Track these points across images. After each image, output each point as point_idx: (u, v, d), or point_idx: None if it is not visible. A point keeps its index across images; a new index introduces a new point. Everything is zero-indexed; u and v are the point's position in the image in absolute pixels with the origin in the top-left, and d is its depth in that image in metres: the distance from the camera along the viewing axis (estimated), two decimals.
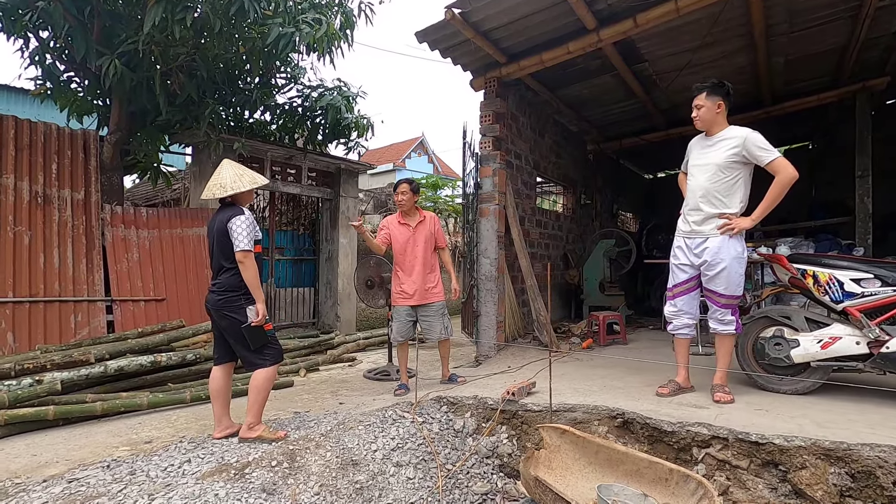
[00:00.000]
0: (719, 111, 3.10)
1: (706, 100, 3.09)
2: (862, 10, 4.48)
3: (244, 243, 2.78)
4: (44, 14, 4.74)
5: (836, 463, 2.28)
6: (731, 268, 3.03)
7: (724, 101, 3.09)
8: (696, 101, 3.15)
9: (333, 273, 7.74)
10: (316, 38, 4.82)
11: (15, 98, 9.69)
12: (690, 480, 2.23)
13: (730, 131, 3.08)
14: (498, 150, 5.16)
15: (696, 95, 3.17)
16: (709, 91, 3.09)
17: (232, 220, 2.81)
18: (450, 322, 4.08)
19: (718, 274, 3.06)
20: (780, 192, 2.91)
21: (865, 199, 5.98)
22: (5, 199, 4.66)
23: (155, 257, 5.58)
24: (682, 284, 3.25)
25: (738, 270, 3.05)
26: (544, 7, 4.15)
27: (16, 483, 2.46)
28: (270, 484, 2.47)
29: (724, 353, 3.17)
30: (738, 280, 3.06)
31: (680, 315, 3.28)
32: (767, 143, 2.96)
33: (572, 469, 2.51)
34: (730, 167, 3.03)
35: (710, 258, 3.07)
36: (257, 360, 2.88)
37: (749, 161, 3.01)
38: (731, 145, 3.03)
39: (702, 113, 3.12)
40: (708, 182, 3.10)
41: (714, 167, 3.08)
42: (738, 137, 3.01)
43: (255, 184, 2.92)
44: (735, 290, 3.06)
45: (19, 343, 4.51)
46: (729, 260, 3.02)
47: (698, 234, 3.15)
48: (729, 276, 3.04)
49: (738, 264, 3.05)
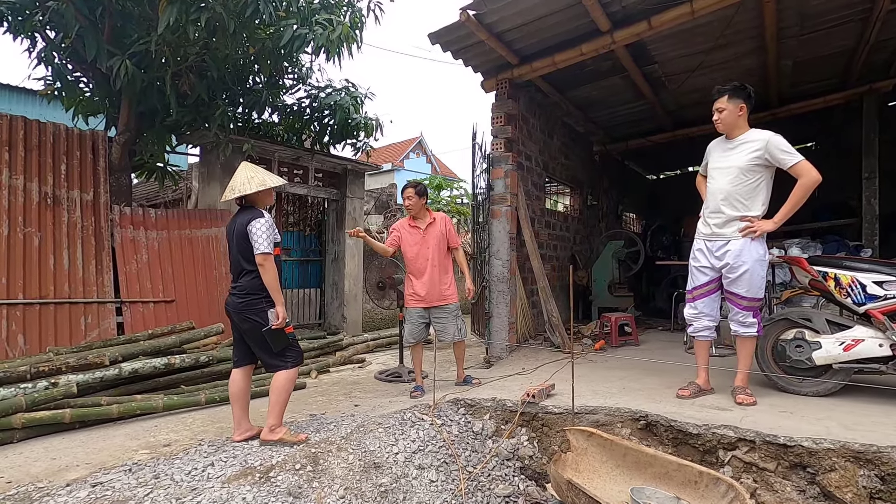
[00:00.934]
0: (741, 114, 3.10)
1: (728, 103, 3.09)
2: (873, 13, 4.50)
3: (264, 246, 2.76)
4: (54, 14, 4.71)
5: (866, 465, 2.28)
6: (754, 270, 3.02)
7: (745, 104, 3.09)
8: (718, 104, 3.14)
9: (340, 274, 7.72)
10: (329, 40, 4.80)
11: (18, 98, 9.64)
12: (721, 483, 2.23)
13: (751, 134, 3.08)
14: (510, 152, 5.16)
15: (716, 99, 3.16)
16: (731, 94, 3.09)
17: (251, 223, 2.79)
18: (464, 324, 4.06)
19: (741, 276, 3.05)
20: (804, 194, 2.92)
21: (872, 200, 6.02)
22: (15, 200, 4.63)
23: (164, 258, 5.54)
24: (703, 287, 3.25)
25: (760, 273, 3.05)
26: (559, 9, 4.15)
27: (38, 487, 2.43)
28: (296, 487, 2.45)
29: (746, 354, 3.16)
30: (759, 283, 3.06)
31: (700, 317, 3.27)
32: (790, 147, 2.97)
33: (600, 472, 2.50)
34: (752, 170, 3.03)
35: (731, 261, 3.06)
36: (279, 363, 2.86)
37: (771, 164, 3.01)
38: (753, 148, 3.03)
39: (724, 116, 3.12)
40: (730, 185, 3.09)
41: (736, 170, 3.07)
42: (760, 140, 3.01)
43: (263, 185, 2.87)
44: (757, 293, 3.06)
45: (30, 345, 4.47)
46: (751, 262, 3.02)
47: (719, 236, 3.14)
48: (751, 278, 3.03)
49: (761, 267, 3.05)
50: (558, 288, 6.27)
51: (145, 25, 4.98)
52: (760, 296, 3.08)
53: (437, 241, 3.97)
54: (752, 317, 3.08)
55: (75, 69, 5.65)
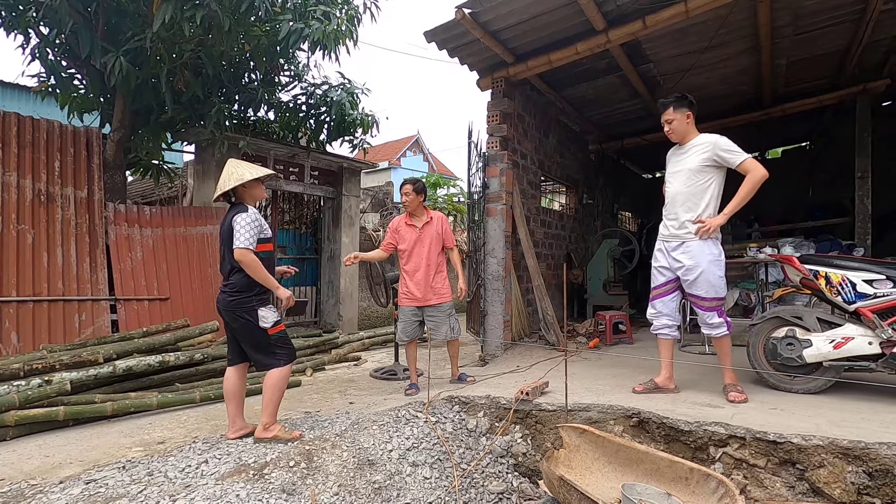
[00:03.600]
0: (689, 121, 3.23)
1: (675, 113, 3.22)
2: (866, 13, 4.53)
3: (242, 240, 2.72)
4: (48, 10, 4.68)
5: (854, 461, 2.31)
6: (709, 271, 3.09)
7: (691, 111, 3.23)
8: (666, 115, 3.27)
9: (335, 272, 7.72)
10: (325, 34, 4.79)
11: (12, 95, 9.57)
12: (711, 479, 2.25)
13: (700, 138, 3.21)
14: (505, 150, 5.17)
15: (663, 111, 3.30)
16: (675, 105, 3.23)
17: (234, 219, 2.79)
18: (458, 323, 4.06)
19: (697, 279, 3.13)
20: (752, 188, 3.00)
21: (865, 199, 6.05)
22: (8, 197, 4.61)
23: (158, 256, 5.53)
24: (661, 287, 3.34)
25: (716, 272, 3.11)
26: (554, 7, 4.16)
27: (31, 485, 2.43)
28: (290, 484, 2.46)
29: (724, 353, 3.22)
30: (718, 282, 3.12)
31: (660, 316, 3.36)
32: (736, 147, 3.08)
33: (592, 468, 2.52)
34: (702, 171, 3.14)
35: (687, 262, 3.15)
36: (271, 361, 2.86)
37: (721, 165, 3.12)
38: (702, 150, 3.14)
39: (674, 125, 3.25)
40: (683, 186, 3.21)
41: (688, 172, 3.20)
42: (708, 143, 3.14)
43: (241, 179, 2.85)
44: (717, 293, 3.13)
45: (23, 343, 4.46)
46: (705, 263, 3.09)
47: (675, 237, 3.25)
48: (707, 279, 3.10)
49: (716, 266, 3.11)
50: (553, 286, 6.29)
51: (140, 22, 4.97)
52: (721, 295, 3.14)
53: (433, 241, 3.98)
54: (717, 316, 3.15)
55: (69, 66, 5.62)
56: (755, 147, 9.95)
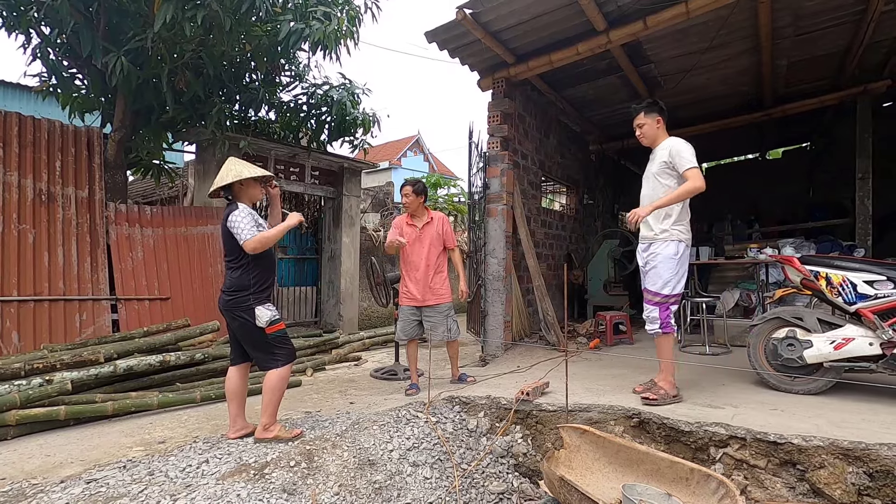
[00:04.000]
0: (658, 126, 3.28)
1: (646, 118, 3.29)
2: (867, 14, 4.53)
3: (244, 234, 2.74)
4: (49, 10, 4.68)
5: (855, 462, 2.31)
6: (660, 267, 3.16)
7: (661, 116, 3.28)
8: (637, 120, 3.33)
9: (336, 272, 7.72)
10: (326, 34, 4.79)
11: (13, 94, 9.58)
12: (711, 480, 2.25)
13: (665, 142, 3.24)
14: (506, 151, 5.17)
15: (635, 116, 3.35)
16: (646, 110, 3.29)
17: (229, 218, 2.79)
18: (456, 324, 4.05)
19: (648, 272, 3.24)
20: (682, 194, 3.05)
21: (866, 200, 6.05)
22: (9, 196, 4.61)
23: (159, 256, 5.53)
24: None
25: (668, 269, 3.15)
26: (555, 8, 4.17)
27: (33, 484, 2.44)
28: (290, 484, 2.46)
29: (659, 352, 3.28)
30: (666, 278, 3.15)
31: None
32: (689, 154, 3.10)
33: (592, 469, 2.53)
34: (663, 175, 3.20)
35: (648, 259, 3.24)
36: (269, 361, 2.86)
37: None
38: (663, 156, 3.19)
39: (644, 130, 3.31)
40: (649, 190, 3.29)
41: (652, 176, 3.28)
42: (666, 147, 3.18)
43: (239, 176, 2.85)
44: (661, 289, 3.16)
45: (24, 342, 4.46)
46: (659, 260, 3.17)
47: (645, 239, 3.33)
48: (657, 273, 3.17)
49: (668, 264, 3.15)
50: (554, 286, 6.29)
51: (141, 22, 4.97)
52: (665, 293, 3.16)
53: (433, 241, 3.98)
54: (655, 312, 3.19)
55: (70, 65, 5.63)
56: (756, 147, 9.98)
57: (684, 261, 3.18)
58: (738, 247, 5.98)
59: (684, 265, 3.18)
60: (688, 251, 3.21)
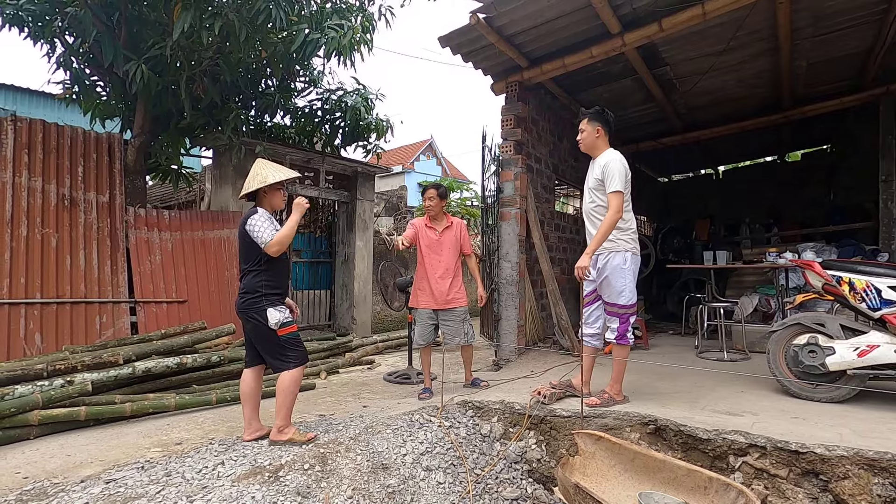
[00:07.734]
0: (598, 136, 3.25)
1: (588, 125, 3.27)
2: (889, 13, 4.43)
3: (264, 237, 2.78)
4: (73, 20, 4.81)
5: (881, 473, 2.24)
6: (612, 277, 3.16)
7: (602, 127, 3.25)
8: (580, 126, 3.32)
9: (349, 276, 7.77)
10: (342, 44, 4.85)
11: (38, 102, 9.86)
12: (731, 489, 2.21)
13: (602, 157, 3.20)
14: (519, 154, 5.16)
15: (579, 122, 3.34)
16: (590, 118, 3.27)
17: (247, 222, 2.84)
18: (472, 328, 4.06)
19: (602, 283, 3.24)
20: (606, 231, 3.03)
21: (889, 203, 5.90)
22: (34, 201, 4.73)
23: (177, 259, 5.63)
24: (587, 296, 3.36)
25: (621, 280, 3.15)
26: (569, 11, 4.15)
27: (54, 483, 2.48)
28: (304, 487, 2.47)
29: (615, 361, 3.26)
30: (620, 288, 3.15)
31: (586, 325, 3.39)
32: (619, 176, 3.06)
33: (608, 476, 2.49)
34: (597, 189, 3.19)
35: (600, 271, 3.22)
36: (282, 363, 2.88)
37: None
38: (597, 172, 3.17)
39: (583, 137, 3.31)
40: (586, 203, 3.30)
41: (588, 189, 3.28)
42: (602, 164, 3.15)
43: (264, 182, 2.90)
44: (616, 299, 3.17)
45: (46, 343, 4.57)
46: (609, 270, 3.17)
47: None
48: (610, 284, 3.18)
49: (619, 275, 3.15)
50: (567, 291, 6.24)
51: (160, 31, 5.08)
52: (621, 303, 3.16)
53: (451, 246, 4.00)
54: (616, 323, 3.19)
55: (93, 73, 5.77)
56: (774, 150, 9.80)
57: (633, 271, 3.19)
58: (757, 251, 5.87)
59: (634, 275, 3.19)
60: (636, 260, 3.22)
